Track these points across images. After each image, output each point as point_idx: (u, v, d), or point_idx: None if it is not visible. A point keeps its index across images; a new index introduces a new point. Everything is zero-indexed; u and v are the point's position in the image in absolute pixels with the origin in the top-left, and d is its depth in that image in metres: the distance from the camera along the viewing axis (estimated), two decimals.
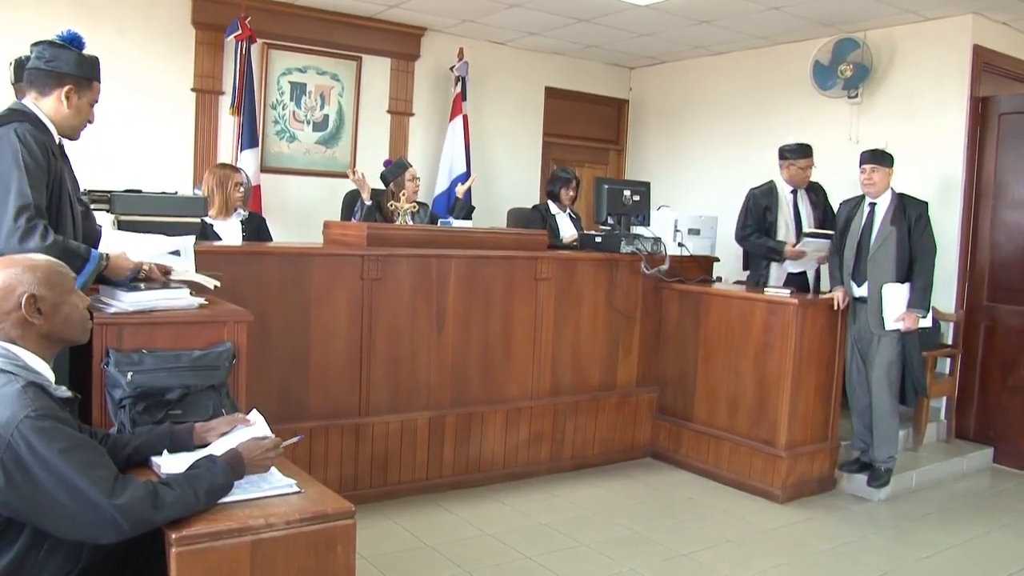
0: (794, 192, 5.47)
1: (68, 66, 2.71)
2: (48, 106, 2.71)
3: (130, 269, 2.78)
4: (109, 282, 2.79)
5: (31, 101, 2.71)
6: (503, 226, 6.50)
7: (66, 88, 2.70)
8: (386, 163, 5.80)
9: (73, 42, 2.74)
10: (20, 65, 3.45)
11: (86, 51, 2.79)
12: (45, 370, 2.06)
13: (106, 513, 1.84)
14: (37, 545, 1.91)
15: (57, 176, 2.67)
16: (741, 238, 5.54)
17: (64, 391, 2.04)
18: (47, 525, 1.87)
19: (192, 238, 3.11)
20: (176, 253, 3.10)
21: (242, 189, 4.96)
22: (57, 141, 2.75)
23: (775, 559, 4.01)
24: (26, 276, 2.03)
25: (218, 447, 2.27)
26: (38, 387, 1.94)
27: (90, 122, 2.85)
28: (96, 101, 2.83)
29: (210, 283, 3.05)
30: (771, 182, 5.50)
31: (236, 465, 2.12)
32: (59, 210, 2.68)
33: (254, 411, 2.50)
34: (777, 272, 5.44)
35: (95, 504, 1.84)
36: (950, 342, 5.97)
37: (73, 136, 2.81)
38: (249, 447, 2.20)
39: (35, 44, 2.74)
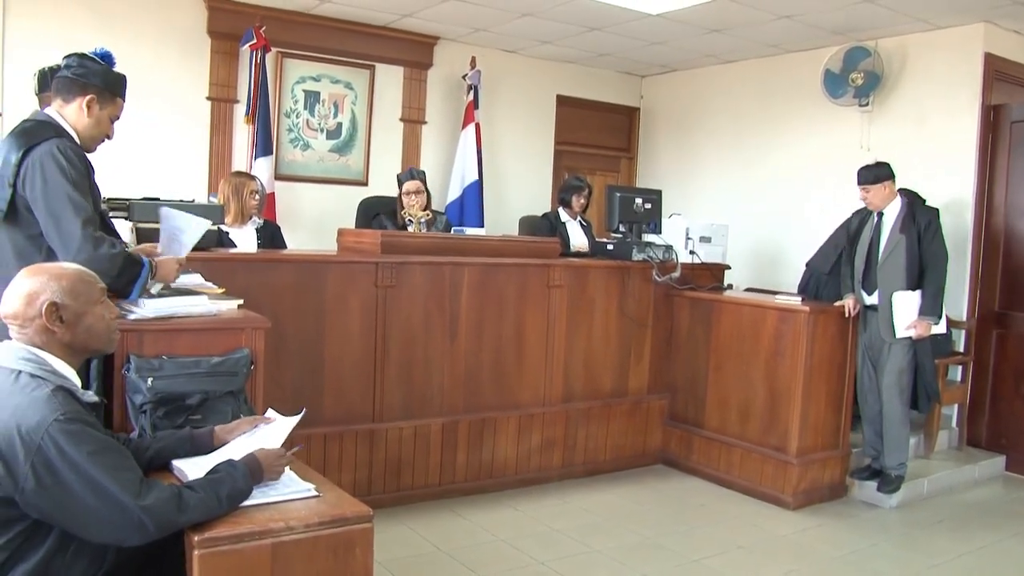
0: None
1: (94, 77, 2.78)
2: (70, 114, 2.77)
3: (176, 270, 2.91)
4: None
5: (55, 109, 2.77)
6: (515, 234, 6.53)
7: (88, 97, 2.77)
8: (407, 170, 5.83)
9: (105, 58, 2.83)
10: (44, 76, 3.54)
11: (116, 70, 2.87)
12: (72, 375, 2.10)
13: (133, 514, 1.88)
14: (64, 547, 1.95)
15: (94, 190, 2.77)
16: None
17: (91, 395, 2.09)
18: (75, 527, 1.91)
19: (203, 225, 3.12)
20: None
21: (257, 197, 5.00)
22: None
23: (786, 566, 4.02)
24: (51, 284, 2.06)
25: (235, 451, 2.31)
26: (66, 391, 1.98)
27: (109, 137, 2.91)
28: (118, 117, 2.89)
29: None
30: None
31: (255, 470, 2.16)
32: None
33: (270, 410, 2.55)
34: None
35: (123, 506, 1.88)
36: (962, 349, 5.97)
37: (90, 148, 2.86)
38: (266, 453, 2.23)
39: (66, 56, 2.81)
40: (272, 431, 2.41)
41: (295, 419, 2.47)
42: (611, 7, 5.94)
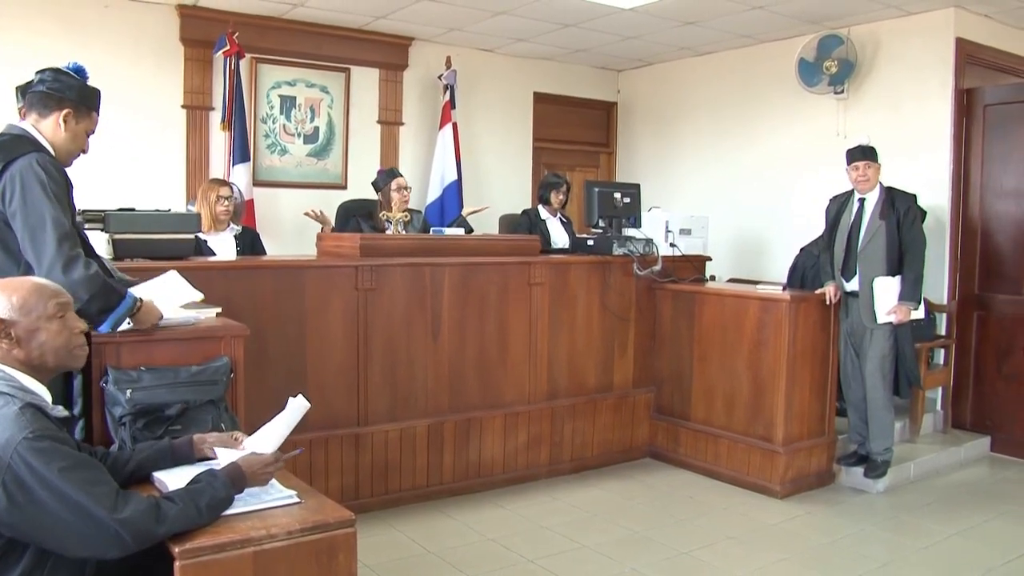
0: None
1: (70, 92, 2.75)
2: (47, 128, 2.74)
3: (157, 322, 2.82)
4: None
5: (30, 124, 2.74)
6: (495, 232, 6.53)
7: (65, 111, 2.74)
8: (379, 172, 5.82)
9: (78, 72, 2.81)
10: (23, 91, 3.50)
11: (90, 83, 2.85)
12: (41, 391, 2.07)
13: (109, 528, 1.86)
14: (41, 563, 1.93)
15: (72, 206, 2.73)
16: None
17: (60, 411, 2.05)
18: (52, 544, 1.89)
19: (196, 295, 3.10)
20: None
21: (226, 203, 4.94)
22: None
23: (776, 554, 4.04)
24: (1, 300, 2.02)
25: (224, 459, 2.29)
26: (35, 408, 1.95)
27: (84, 152, 2.88)
28: (92, 131, 2.87)
29: (198, 297, 3.09)
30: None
31: (237, 479, 2.14)
32: None
33: (300, 396, 2.43)
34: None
35: (98, 520, 1.86)
36: (944, 333, 6.00)
37: (67, 162, 2.82)
38: (249, 461, 2.21)
39: (40, 71, 2.79)
40: (265, 437, 2.39)
41: (289, 421, 2.40)
42: (584, 2, 5.94)
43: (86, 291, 2.57)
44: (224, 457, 2.32)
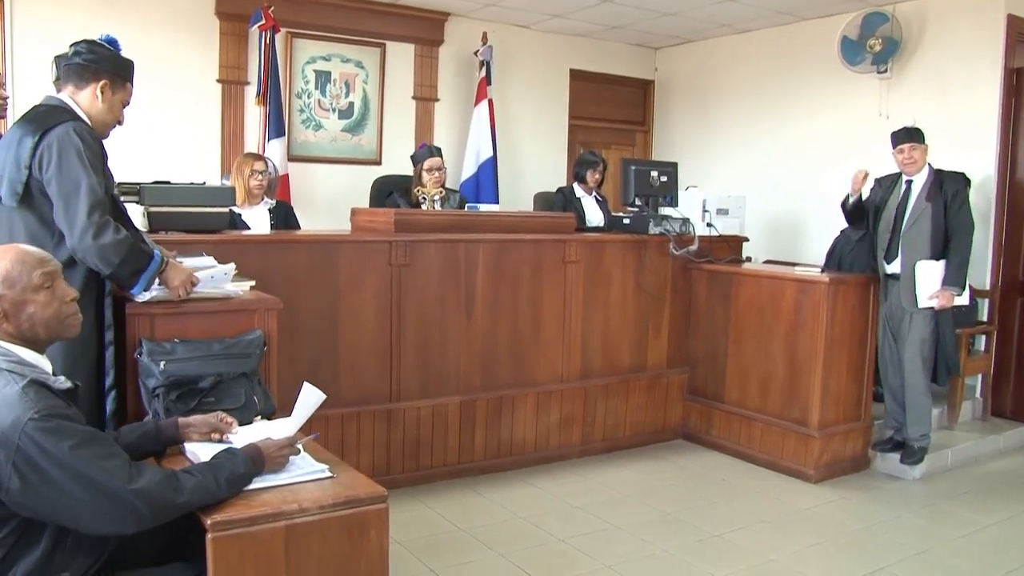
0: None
1: (106, 63, 2.78)
2: (84, 100, 2.77)
3: (188, 281, 2.83)
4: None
5: (68, 95, 2.77)
6: (530, 210, 6.48)
7: (102, 83, 2.77)
8: (420, 146, 5.79)
9: (111, 44, 2.83)
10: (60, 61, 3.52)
11: (123, 54, 2.88)
12: (42, 362, 2.02)
13: (125, 500, 1.84)
14: (62, 540, 1.91)
15: (108, 176, 2.75)
16: None
17: (63, 382, 1.98)
18: (68, 522, 1.86)
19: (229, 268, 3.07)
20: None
21: (260, 177, 4.95)
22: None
23: (809, 539, 3.99)
24: None
25: (241, 440, 2.27)
26: (39, 384, 1.89)
27: (120, 123, 2.90)
28: (127, 103, 2.89)
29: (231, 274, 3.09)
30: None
31: (256, 458, 2.12)
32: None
33: (306, 386, 2.41)
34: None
35: (113, 493, 1.83)
36: (985, 319, 5.88)
37: (103, 133, 2.85)
38: (267, 444, 2.19)
39: (75, 43, 2.80)
40: (285, 422, 2.37)
41: (303, 410, 2.37)
42: None
43: (116, 255, 2.60)
44: (240, 438, 2.31)
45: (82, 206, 2.57)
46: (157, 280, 2.75)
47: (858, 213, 4.96)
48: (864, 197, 4.89)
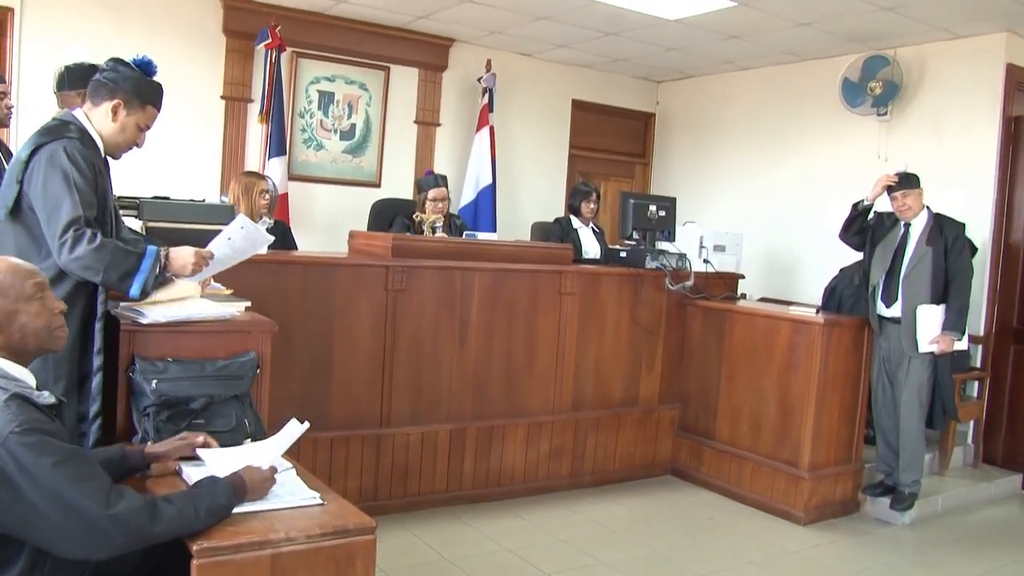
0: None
1: (124, 83, 2.72)
2: (97, 118, 2.74)
3: (193, 263, 2.74)
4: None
5: (84, 112, 2.74)
6: (528, 239, 6.49)
7: (115, 102, 2.71)
8: (427, 173, 5.80)
9: (142, 66, 2.77)
10: (63, 74, 3.52)
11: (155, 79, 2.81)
12: (25, 376, 1.99)
13: (99, 525, 1.79)
14: (40, 562, 1.87)
15: (101, 193, 2.69)
16: None
17: (47, 397, 1.95)
18: (38, 541, 1.82)
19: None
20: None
21: (267, 196, 4.97)
22: (103, 155, 2.76)
23: None
24: None
25: (224, 466, 2.22)
26: (21, 399, 1.85)
27: (138, 146, 2.84)
28: (148, 127, 2.82)
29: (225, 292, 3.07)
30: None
31: (239, 488, 2.09)
32: (101, 226, 2.66)
33: (293, 420, 2.39)
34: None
35: (88, 516, 1.79)
36: (979, 365, 5.88)
37: (115, 154, 2.80)
38: (251, 472, 2.15)
39: (107, 60, 2.78)
40: (266, 447, 2.35)
41: (284, 441, 2.35)
42: (628, 12, 5.89)
43: (99, 262, 2.53)
44: (215, 457, 2.28)
45: (60, 224, 2.51)
46: (171, 276, 2.70)
47: (858, 225, 4.96)
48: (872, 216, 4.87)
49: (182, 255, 2.74)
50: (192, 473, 2.25)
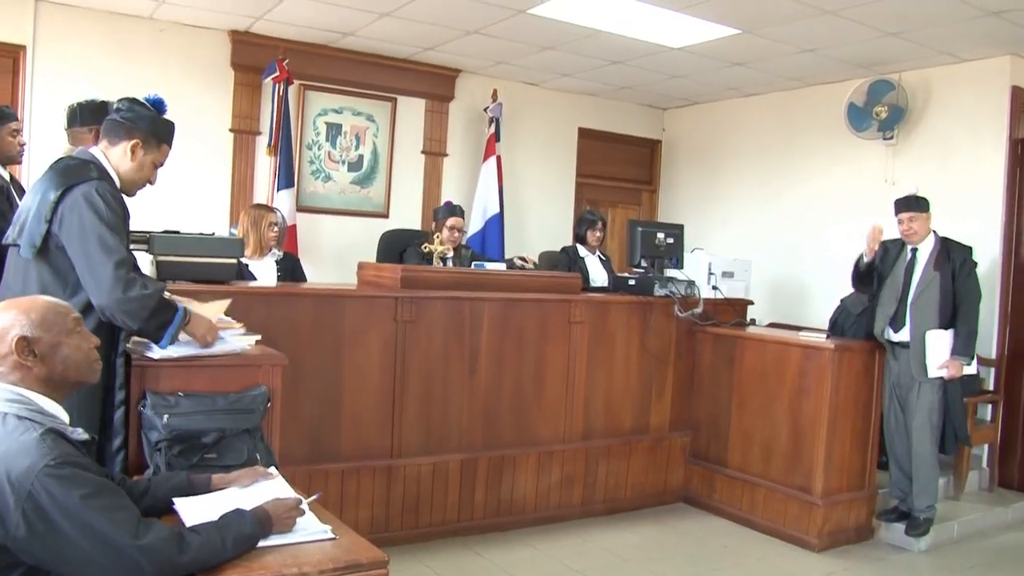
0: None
1: (142, 122, 2.79)
2: (115, 157, 2.78)
3: (212, 331, 2.83)
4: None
5: (100, 150, 2.79)
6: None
7: (134, 142, 2.77)
8: (445, 203, 5.83)
9: (156, 105, 2.84)
10: (74, 111, 3.57)
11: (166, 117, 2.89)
12: (59, 412, 2.03)
13: (128, 555, 1.82)
14: None
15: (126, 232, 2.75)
16: None
17: (81, 433, 2.01)
18: (69, 572, 1.85)
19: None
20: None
21: (276, 229, 5.00)
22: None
23: None
24: (20, 318, 1.99)
25: (246, 500, 2.24)
26: (56, 433, 1.91)
27: (151, 183, 2.90)
28: (161, 164, 2.90)
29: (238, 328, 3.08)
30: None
31: (264, 520, 2.10)
32: None
33: (273, 469, 2.49)
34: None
35: (117, 547, 1.82)
36: (992, 388, 5.85)
37: (130, 192, 2.86)
38: (275, 505, 2.17)
39: (121, 99, 2.83)
40: (273, 489, 2.35)
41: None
42: (633, 41, 5.94)
43: (145, 309, 2.60)
44: (252, 497, 2.28)
45: (108, 263, 2.56)
46: (182, 334, 2.74)
47: (869, 276, 4.95)
48: (877, 260, 4.87)
49: (201, 321, 2.81)
50: (184, 507, 2.24)
